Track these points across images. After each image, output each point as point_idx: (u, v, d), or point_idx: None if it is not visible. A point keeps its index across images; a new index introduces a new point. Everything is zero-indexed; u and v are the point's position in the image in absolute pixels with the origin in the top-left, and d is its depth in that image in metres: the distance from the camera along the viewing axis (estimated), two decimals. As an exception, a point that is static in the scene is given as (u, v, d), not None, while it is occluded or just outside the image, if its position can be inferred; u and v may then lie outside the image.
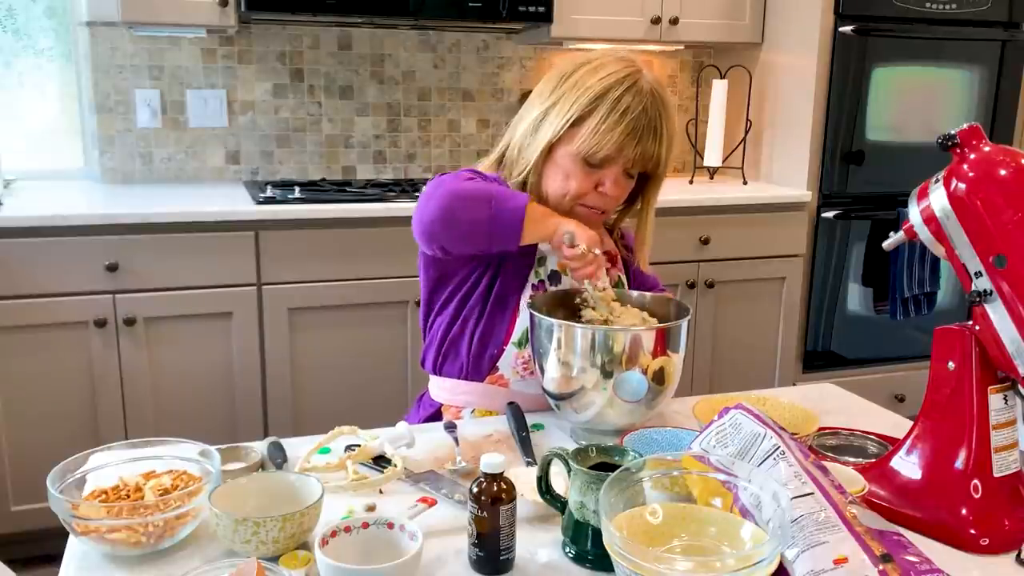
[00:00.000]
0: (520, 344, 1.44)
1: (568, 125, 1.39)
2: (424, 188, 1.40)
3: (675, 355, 1.29)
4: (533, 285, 1.46)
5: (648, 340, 1.24)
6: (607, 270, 1.50)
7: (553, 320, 1.28)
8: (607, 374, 1.24)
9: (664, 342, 1.26)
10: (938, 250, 1.10)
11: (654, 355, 1.25)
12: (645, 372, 1.25)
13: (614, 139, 1.37)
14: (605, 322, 1.34)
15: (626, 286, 1.58)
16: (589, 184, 1.42)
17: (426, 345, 1.56)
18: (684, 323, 1.30)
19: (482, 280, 1.46)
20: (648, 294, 1.45)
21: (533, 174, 1.45)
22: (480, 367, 1.47)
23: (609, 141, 1.37)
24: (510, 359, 1.45)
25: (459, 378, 1.49)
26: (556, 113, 1.41)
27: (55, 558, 1.08)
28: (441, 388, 1.53)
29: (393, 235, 2.56)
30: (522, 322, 1.44)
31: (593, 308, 1.37)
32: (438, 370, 1.52)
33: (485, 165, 1.54)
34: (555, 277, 1.48)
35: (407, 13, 2.73)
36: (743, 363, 3.10)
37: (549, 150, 1.43)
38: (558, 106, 1.41)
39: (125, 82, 2.86)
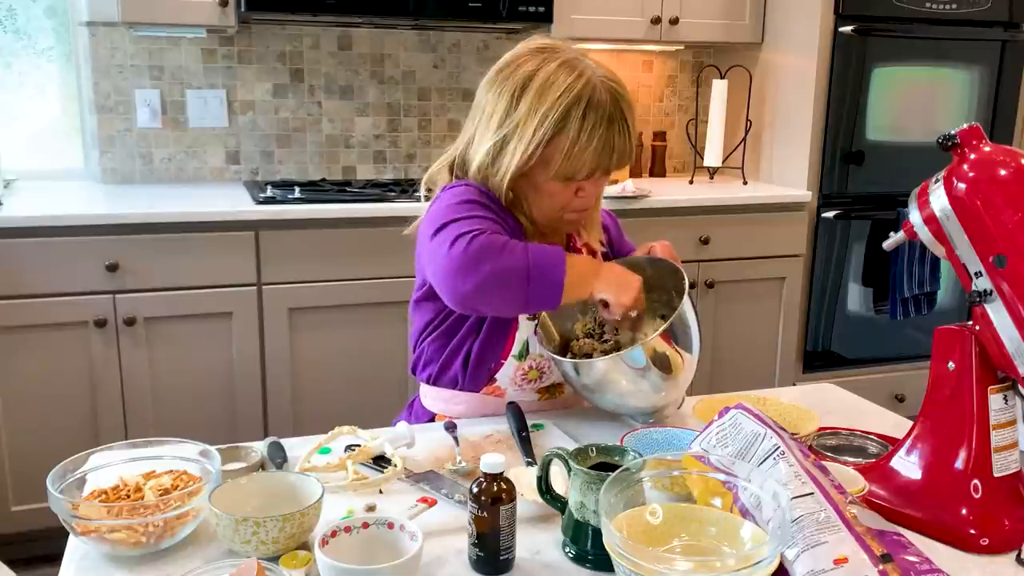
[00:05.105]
0: (520, 356, 1.43)
1: (537, 154, 1.34)
2: (441, 236, 1.28)
3: (686, 353, 1.33)
4: None
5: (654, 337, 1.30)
6: None
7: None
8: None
9: (671, 340, 1.31)
10: (938, 250, 1.10)
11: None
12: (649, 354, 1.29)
13: (589, 159, 1.33)
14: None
15: None
16: (570, 194, 1.39)
17: (416, 356, 1.53)
18: (694, 324, 1.35)
19: None
20: (644, 257, 1.50)
21: (506, 196, 1.40)
22: (477, 380, 1.45)
23: (585, 163, 1.33)
24: (509, 372, 1.44)
25: (455, 389, 1.48)
26: (517, 143, 1.34)
27: (55, 558, 1.08)
28: (435, 399, 1.51)
29: (393, 235, 2.54)
30: (521, 334, 1.42)
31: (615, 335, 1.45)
32: (432, 381, 1.51)
33: (441, 168, 1.47)
34: None
35: (407, 13, 2.73)
36: (743, 363, 3.10)
37: (520, 174, 1.37)
38: (517, 136, 1.34)
39: (125, 82, 2.85)
